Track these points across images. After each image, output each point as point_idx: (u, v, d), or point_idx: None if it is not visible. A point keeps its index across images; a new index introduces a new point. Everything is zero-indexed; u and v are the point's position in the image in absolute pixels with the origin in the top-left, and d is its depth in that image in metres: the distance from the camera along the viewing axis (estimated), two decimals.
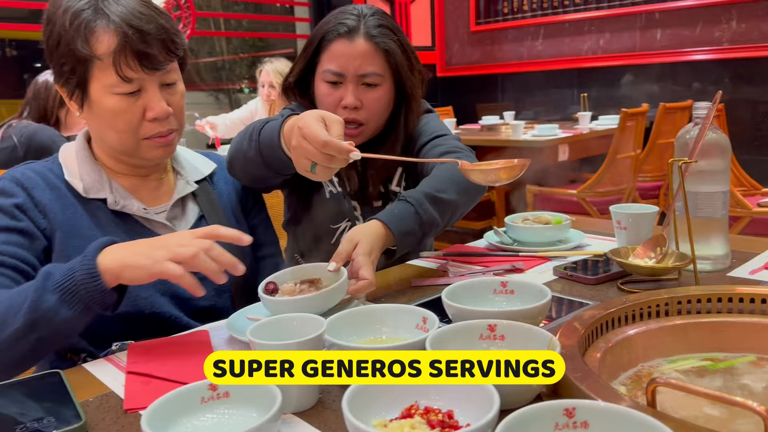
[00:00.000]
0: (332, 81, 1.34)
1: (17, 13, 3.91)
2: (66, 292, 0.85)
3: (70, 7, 1.02)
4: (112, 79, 1.02)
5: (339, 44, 1.33)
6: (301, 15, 4.92)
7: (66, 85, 1.06)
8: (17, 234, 1.01)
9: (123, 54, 1.00)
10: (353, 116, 1.34)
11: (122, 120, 1.05)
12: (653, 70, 4.45)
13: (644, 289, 1.07)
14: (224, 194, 1.26)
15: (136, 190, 1.15)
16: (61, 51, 1.02)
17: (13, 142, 2.61)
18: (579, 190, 3.42)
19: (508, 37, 5.16)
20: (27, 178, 1.08)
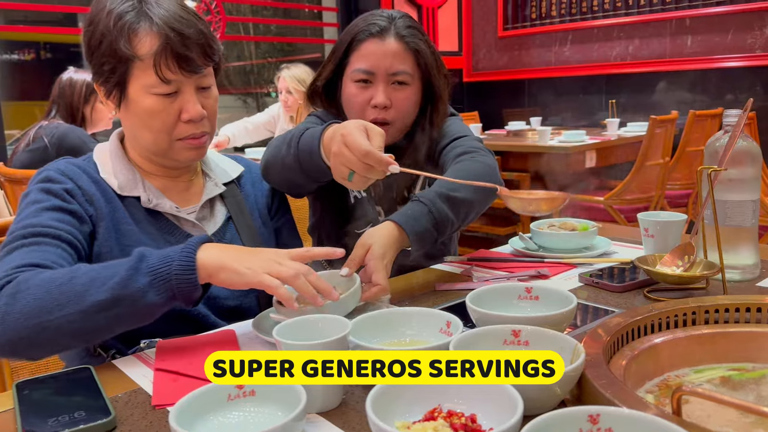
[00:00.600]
0: (362, 80, 1.37)
1: (51, 16, 3.99)
2: (159, 278, 0.87)
3: (114, 9, 1.05)
4: (151, 79, 1.05)
5: (370, 44, 1.35)
6: (329, 20, 4.95)
7: (104, 84, 1.09)
8: (69, 214, 1.04)
9: (164, 55, 1.04)
10: (382, 116, 1.36)
11: (158, 120, 1.08)
12: (683, 77, 4.40)
13: (671, 297, 1.06)
14: (251, 197, 1.28)
15: (167, 190, 1.17)
16: (102, 50, 1.05)
17: (45, 143, 2.67)
18: (606, 198, 3.39)
19: (535, 42, 5.14)
20: (71, 170, 1.11)
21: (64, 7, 3.88)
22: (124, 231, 1.08)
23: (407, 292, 1.20)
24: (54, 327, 0.84)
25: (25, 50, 4.03)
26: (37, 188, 1.06)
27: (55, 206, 1.03)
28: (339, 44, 1.41)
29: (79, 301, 0.85)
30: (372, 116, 1.36)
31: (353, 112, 1.39)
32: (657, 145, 3.39)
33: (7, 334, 0.85)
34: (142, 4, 1.06)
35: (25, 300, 0.85)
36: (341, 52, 1.40)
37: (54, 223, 1.00)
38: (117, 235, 1.07)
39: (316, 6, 5.06)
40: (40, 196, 1.05)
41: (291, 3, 5.13)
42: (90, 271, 0.89)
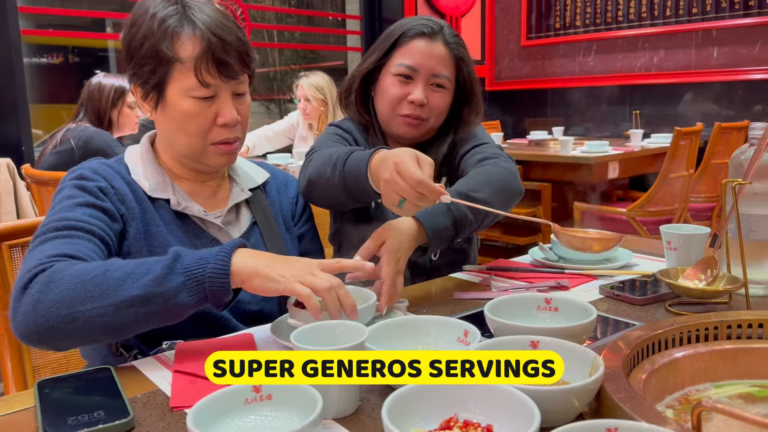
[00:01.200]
0: (404, 74, 1.41)
1: (80, 21, 4.06)
2: (192, 279, 0.87)
3: (157, 12, 1.08)
4: (190, 82, 1.07)
5: (419, 42, 1.41)
6: (353, 28, 4.98)
7: (143, 86, 1.10)
8: (101, 211, 1.05)
9: (204, 60, 1.06)
10: (417, 112, 1.41)
11: (195, 123, 1.09)
12: (709, 88, 4.35)
13: (693, 312, 1.05)
14: (276, 203, 1.30)
15: (195, 194, 1.19)
16: (143, 52, 1.07)
17: (71, 145, 2.71)
18: (629, 209, 3.36)
19: (559, 52, 5.11)
20: (104, 169, 1.12)
21: (92, 12, 3.95)
22: (153, 232, 1.09)
23: (425, 300, 1.19)
24: (84, 318, 0.85)
25: (54, 54, 4.11)
26: (71, 184, 1.08)
27: (88, 202, 1.04)
28: (386, 37, 1.46)
29: (111, 295, 0.86)
30: (407, 111, 1.41)
31: (389, 104, 1.43)
32: (681, 157, 3.36)
33: (38, 322, 0.86)
34: (185, 9, 1.08)
35: (59, 289, 0.86)
36: (388, 45, 1.43)
37: (87, 218, 1.01)
38: (146, 236, 1.09)
39: (340, 14, 5.09)
40: (74, 192, 1.06)
41: (315, 11, 5.17)
42: (124, 266, 0.89)
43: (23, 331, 0.87)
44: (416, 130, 1.44)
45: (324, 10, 5.25)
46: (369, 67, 1.47)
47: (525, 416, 0.62)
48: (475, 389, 0.67)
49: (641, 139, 4.07)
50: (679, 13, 4.45)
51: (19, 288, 0.89)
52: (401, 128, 1.44)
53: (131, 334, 0.93)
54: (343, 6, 5.06)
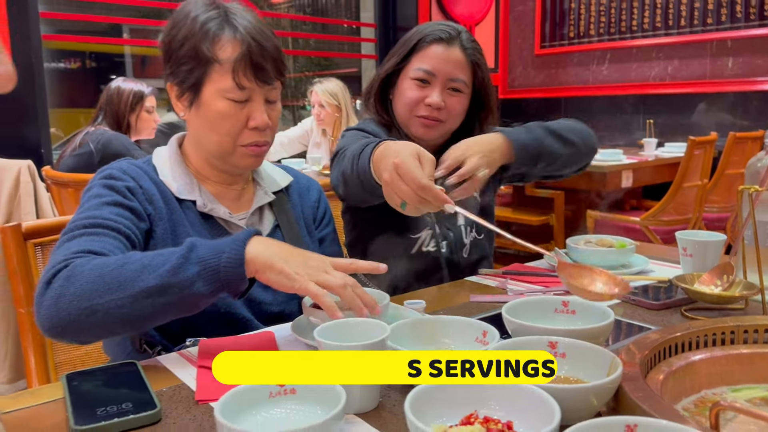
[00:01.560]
0: (422, 79, 1.45)
1: (97, 27, 4.11)
2: (208, 269, 0.89)
3: (199, 15, 1.11)
4: (227, 84, 1.09)
5: (437, 47, 1.45)
6: (367, 36, 5.01)
7: (179, 85, 1.14)
8: (128, 210, 1.07)
9: (242, 63, 1.09)
10: (435, 114, 1.45)
11: (227, 123, 1.12)
12: (723, 98, 4.34)
13: (709, 317, 1.06)
14: (298, 207, 1.31)
15: (221, 196, 1.21)
16: (183, 52, 1.10)
17: (90, 149, 2.75)
18: (642, 218, 3.35)
19: (573, 60, 5.12)
20: (133, 170, 1.15)
21: (110, 18, 4.00)
22: (179, 233, 1.11)
23: (442, 303, 1.21)
24: (103, 311, 0.86)
25: (72, 59, 4.16)
26: (100, 183, 1.10)
27: (116, 201, 1.07)
28: (404, 42, 1.50)
29: (128, 287, 0.87)
30: (424, 113, 1.45)
31: (406, 107, 1.47)
32: (695, 167, 3.35)
33: (60, 315, 0.88)
34: (227, 14, 1.12)
35: (79, 283, 0.88)
36: (407, 50, 1.47)
37: (113, 217, 1.04)
38: (173, 236, 1.11)
39: (355, 22, 5.13)
40: (102, 191, 1.09)
41: (330, 18, 5.21)
42: (142, 258, 0.91)
43: (47, 324, 0.89)
44: (433, 132, 1.47)
45: (339, 17, 5.29)
46: (388, 70, 1.50)
47: (545, 413, 0.63)
48: (495, 386, 0.69)
49: (655, 149, 4.06)
50: (693, 22, 4.45)
51: (43, 283, 0.91)
52: (419, 129, 1.47)
53: (150, 325, 0.95)
54: (358, 14, 5.10)
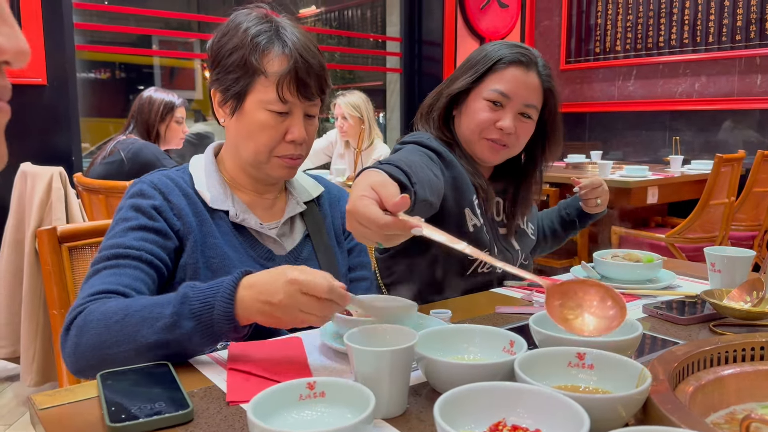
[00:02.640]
0: (495, 101, 1.44)
1: (126, 38, 4.19)
2: (202, 323, 0.91)
3: (250, 28, 1.15)
4: (270, 96, 1.13)
5: (515, 70, 1.44)
6: (393, 50, 5.05)
7: (224, 92, 1.17)
8: (153, 233, 1.10)
9: (288, 78, 1.13)
10: (504, 139, 1.44)
11: (266, 134, 1.15)
12: (752, 116, 4.29)
13: (737, 333, 1.05)
14: (328, 217, 1.32)
15: (254, 206, 1.23)
16: (231, 61, 1.14)
17: (121, 157, 2.79)
18: (668, 235, 3.32)
19: (598, 76, 5.11)
20: (164, 183, 1.16)
21: (139, 29, 4.09)
22: (209, 244, 1.13)
23: (468, 313, 1.21)
24: (114, 360, 0.91)
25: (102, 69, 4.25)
26: (129, 204, 1.13)
27: (141, 225, 1.10)
28: (479, 61, 1.47)
29: (131, 341, 0.91)
30: (494, 136, 1.44)
31: (476, 126, 1.45)
32: (722, 184, 3.32)
33: (80, 363, 0.95)
34: (278, 28, 1.15)
35: (89, 334, 0.94)
36: (483, 69, 1.45)
37: (137, 244, 1.07)
38: (203, 248, 1.13)
39: (381, 36, 5.17)
40: (130, 213, 1.11)
41: (356, 32, 5.26)
42: (141, 309, 0.93)
43: (72, 369, 0.98)
44: (499, 156, 1.48)
45: (365, 31, 5.34)
46: (461, 88, 1.47)
47: (574, 423, 0.63)
48: (524, 394, 0.69)
49: (681, 165, 4.03)
50: (721, 39, 4.42)
51: (64, 329, 0.98)
52: (484, 152, 1.47)
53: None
54: (384, 28, 5.14)
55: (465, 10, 4.94)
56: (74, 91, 3.32)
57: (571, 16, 5.26)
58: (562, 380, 0.79)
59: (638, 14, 4.85)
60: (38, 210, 2.50)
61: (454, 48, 4.88)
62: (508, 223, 1.56)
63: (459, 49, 4.91)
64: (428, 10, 4.93)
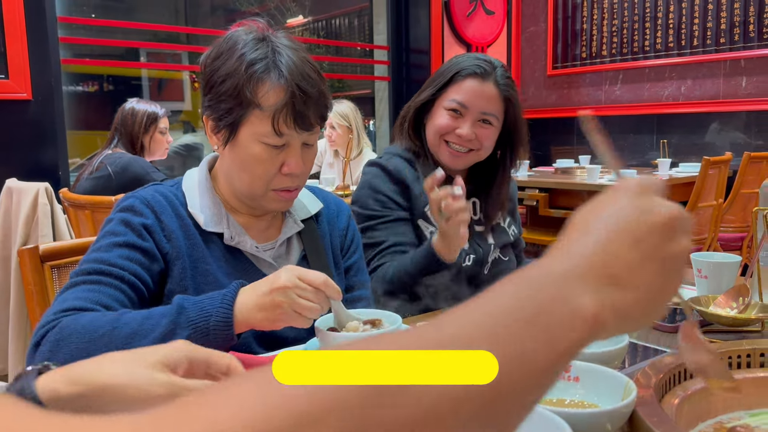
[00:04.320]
0: (454, 109, 1.52)
1: (115, 51, 4.19)
2: (198, 331, 0.89)
3: (246, 53, 1.07)
4: (265, 129, 1.06)
5: (472, 81, 1.52)
6: (380, 58, 5.06)
7: (216, 121, 1.10)
8: (140, 252, 1.05)
9: (284, 111, 1.06)
10: (467, 145, 1.53)
11: (261, 168, 1.09)
12: (738, 118, 4.32)
13: (725, 339, 1.05)
14: (327, 234, 1.28)
15: (248, 227, 1.18)
16: (224, 89, 1.07)
17: (108, 172, 2.77)
18: None
19: (585, 81, 5.13)
20: (156, 201, 1.11)
21: (126, 42, 4.08)
22: (201, 270, 1.09)
23: None
24: None
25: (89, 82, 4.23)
26: (118, 218, 1.08)
27: (128, 243, 1.05)
28: (440, 74, 1.58)
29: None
30: (454, 141, 1.53)
31: (437, 133, 1.55)
32: (710, 187, 3.33)
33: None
34: (274, 54, 1.07)
35: (68, 348, 0.88)
36: (442, 82, 1.55)
37: (120, 262, 1.02)
38: (193, 274, 1.09)
39: (368, 44, 5.18)
40: (119, 228, 1.07)
41: (344, 41, 5.26)
42: (131, 321, 0.91)
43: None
44: (461, 161, 1.56)
45: (352, 40, 5.35)
46: (424, 99, 1.58)
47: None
48: None
49: (669, 168, 4.05)
50: (706, 43, 4.46)
51: (32, 345, 0.91)
52: (446, 157, 1.56)
53: None
54: (372, 37, 5.15)
55: (451, 18, 4.96)
56: (60, 105, 3.30)
57: (557, 21, 5.29)
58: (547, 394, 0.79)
59: (623, 19, 4.89)
60: (24, 226, 2.48)
61: (441, 55, 4.89)
62: (485, 221, 1.63)
63: (446, 57, 4.92)
64: (415, 18, 4.95)
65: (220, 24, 5.33)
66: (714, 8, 4.40)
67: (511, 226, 1.70)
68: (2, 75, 3.03)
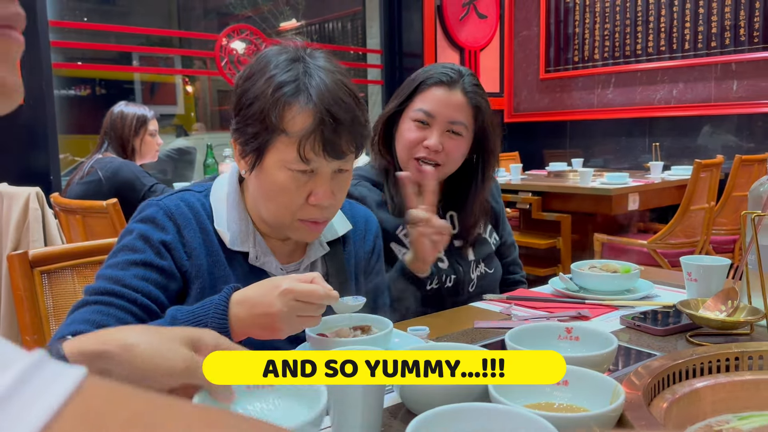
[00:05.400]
0: (421, 120, 1.46)
1: (107, 54, 4.17)
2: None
3: (275, 75, 1.01)
4: (291, 156, 1.00)
5: (438, 90, 1.46)
6: (373, 62, 5.06)
7: (243, 145, 1.05)
8: (157, 272, 1.02)
9: (312, 138, 0.99)
10: (432, 157, 1.45)
11: (286, 196, 1.04)
12: (729, 121, 4.35)
13: (714, 342, 1.05)
14: (352, 257, 1.23)
15: (274, 247, 1.15)
16: (251, 112, 1.02)
17: (99, 176, 2.76)
18: (650, 241, 3.34)
19: (578, 85, 5.15)
20: (181, 213, 1.07)
21: (118, 46, 4.06)
22: (220, 290, 1.03)
23: (445, 329, 1.21)
24: None
25: (81, 86, 4.22)
26: (138, 231, 1.05)
27: (144, 261, 1.02)
28: (407, 84, 1.51)
29: None
30: (423, 154, 1.46)
31: (406, 148, 1.48)
32: (702, 190, 3.35)
33: None
34: (305, 75, 1.01)
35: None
36: (408, 91, 1.49)
37: (135, 283, 1.00)
38: (212, 293, 1.02)
39: (361, 48, 5.19)
40: (137, 243, 1.03)
41: (336, 45, 5.27)
42: None
43: None
44: (430, 176, 1.42)
45: (345, 44, 5.35)
46: (390, 111, 1.52)
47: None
48: (497, 414, 0.68)
49: (661, 171, 4.07)
50: (697, 46, 4.48)
51: None
52: (414, 174, 1.44)
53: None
54: (365, 40, 5.16)
55: (444, 22, 4.97)
56: (52, 110, 3.29)
57: (549, 25, 5.31)
58: (536, 398, 0.79)
59: (615, 23, 4.91)
60: (15, 231, 2.47)
61: (434, 59, 4.90)
62: (464, 235, 1.56)
63: (439, 60, 4.93)
64: (408, 21, 4.96)
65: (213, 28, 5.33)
66: (705, 12, 4.43)
67: (492, 234, 1.64)
68: None
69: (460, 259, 1.55)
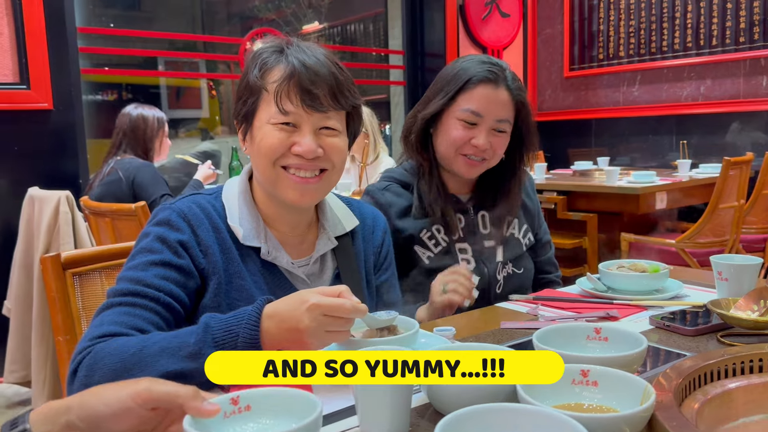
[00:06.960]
0: (469, 120, 1.46)
1: (133, 60, 4.23)
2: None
3: (263, 52, 1.12)
4: (272, 110, 1.07)
5: (484, 89, 1.46)
6: (396, 63, 5.06)
7: (238, 121, 1.14)
8: (176, 271, 1.05)
9: (286, 87, 1.06)
10: (480, 155, 1.47)
11: (271, 148, 1.08)
12: (758, 117, 4.26)
13: (746, 343, 1.03)
14: (361, 252, 1.26)
15: (285, 242, 1.17)
16: (242, 86, 1.12)
17: (119, 176, 2.82)
18: (678, 240, 3.29)
19: (603, 82, 5.10)
20: (194, 215, 1.10)
21: (144, 51, 4.13)
22: (236, 285, 1.09)
23: (472, 329, 1.20)
24: None
25: (108, 91, 4.28)
26: (155, 234, 1.08)
27: (164, 261, 1.05)
28: (448, 82, 1.50)
29: (150, 370, 0.88)
30: (470, 152, 1.48)
31: (452, 145, 1.49)
32: (731, 188, 3.29)
33: None
34: (287, 46, 1.11)
35: (102, 371, 0.90)
36: (453, 90, 1.47)
37: (157, 282, 1.02)
38: (228, 289, 1.08)
39: (383, 49, 5.19)
40: (155, 245, 1.06)
41: (359, 47, 5.28)
42: (161, 340, 0.92)
43: None
44: (476, 170, 1.52)
45: (367, 45, 5.36)
46: (434, 111, 1.50)
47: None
48: (526, 414, 0.68)
49: (689, 169, 4.00)
50: (725, 42, 4.41)
51: (71, 373, 0.94)
52: (462, 168, 1.50)
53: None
54: (387, 41, 5.16)
55: (467, 21, 4.95)
56: (80, 114, 3.35)
57: (573, 23, 5.26)
58: (566, 398, 0.78)
59: (640, 19, 4.85)
60: (46, 234, 2.52)
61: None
62: (495, 234, 1.57)
63: None
64: (430, 22, 4.95)
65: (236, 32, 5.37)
66: (733, 7, 4.35)
67: (527, 234, 1.64)
68: (24, 86, 3.08)
69: (487, 260, 1.55)
